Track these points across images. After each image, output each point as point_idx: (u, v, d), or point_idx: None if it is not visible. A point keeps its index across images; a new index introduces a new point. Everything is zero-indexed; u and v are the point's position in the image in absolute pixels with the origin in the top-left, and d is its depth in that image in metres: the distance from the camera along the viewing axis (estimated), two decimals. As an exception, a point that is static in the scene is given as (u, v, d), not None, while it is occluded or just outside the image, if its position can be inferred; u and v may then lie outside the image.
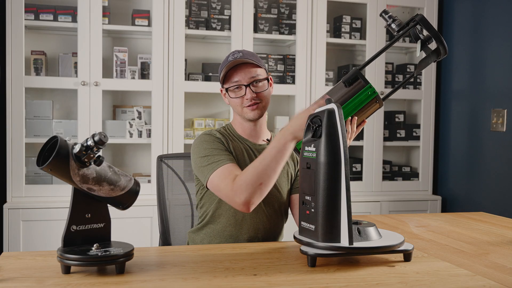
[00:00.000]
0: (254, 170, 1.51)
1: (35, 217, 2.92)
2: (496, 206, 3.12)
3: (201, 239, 1.78)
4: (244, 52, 1.73)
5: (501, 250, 1.59)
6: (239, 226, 1.73)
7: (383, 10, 1.56)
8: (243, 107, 1.72)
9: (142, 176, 3.25)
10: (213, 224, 1.76)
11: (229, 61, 1.70)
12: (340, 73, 3.63)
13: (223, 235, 1.74)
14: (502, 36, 3.13)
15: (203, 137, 1.73)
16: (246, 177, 1.52)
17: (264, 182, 1.51)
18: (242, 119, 1.77)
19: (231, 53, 1.73)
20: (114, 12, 3.25)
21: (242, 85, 1.71)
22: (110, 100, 3.35)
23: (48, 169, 1.20)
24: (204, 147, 1.68)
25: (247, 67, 1.71)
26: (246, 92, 1.70)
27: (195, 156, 1.70)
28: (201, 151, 1.68)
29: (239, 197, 1.52)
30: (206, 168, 1.64)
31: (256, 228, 1.74)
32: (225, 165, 1.61)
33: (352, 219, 1.32)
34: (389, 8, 3.63)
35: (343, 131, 1.33)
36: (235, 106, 1.75)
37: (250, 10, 3.22)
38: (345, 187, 1.32)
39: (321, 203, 1.32)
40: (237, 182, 1.53)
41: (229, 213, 1.73)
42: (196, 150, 1.70)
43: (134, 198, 1.35)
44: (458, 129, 3.51)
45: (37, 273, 1.25)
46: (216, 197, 1.72)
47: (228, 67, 1.70)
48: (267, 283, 1.20)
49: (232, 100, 1.75)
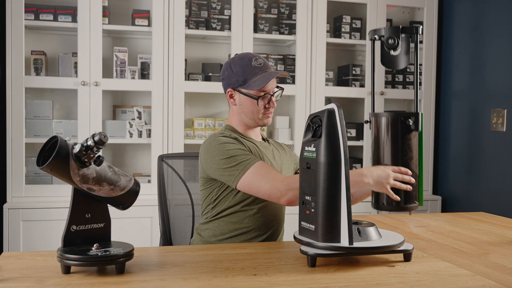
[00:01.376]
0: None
1: (35, 217, 2.92)
2: (496, 206, 3.12)
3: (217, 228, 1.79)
4: (264, 59, 1.81)
5: (501, 250, 1.59)
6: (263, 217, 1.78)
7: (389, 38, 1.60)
8: (263, 113, 1.80)
9: (142, 176, 3.25)
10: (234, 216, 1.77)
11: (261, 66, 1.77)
12: (340, 73, 3.63)
13: (240, 226, 1.76)
14: (502, 36, 3.13)
15: (220, 139, 1.73)
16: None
17: None
18: (250, 122, 1.81)
19: (254, 58, 1.79)
20: (114, 12, 3.25)
21: (269, 94, 1.79)
22: (110, 100, 3.35)
23: (48, 169, 1.20)
24: (226, 148, 1.69)
25: (274, 79, 1.81)
26: (270, 102, 1.79)
27: (216, 159, 1.69)
28: (223, 152, 1.68)
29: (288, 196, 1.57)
30: (234, 168, 1.65)
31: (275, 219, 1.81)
32: (256, 164, 1.64)
33: (352, 219, 1.32)
34: (389, 8, 3.64)
35: (343, 131, 1.33)
36: (253, 113, 1.79)
37: (250, 10, 3.22)
38: (345, 187, 1.32)
39: (321, 203, 1.32)
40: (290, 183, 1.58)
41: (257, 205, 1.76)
42: (217, 152, 1.70)
43: (134, 198, 1.35)
44: (458, 129, 3.51)
45: (37, 273, 1.25)
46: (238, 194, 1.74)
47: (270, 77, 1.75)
48: (267, 283, 1.20)
49: (252, 106, 1.78)
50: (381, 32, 1.63)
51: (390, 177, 1.50)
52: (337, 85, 3.60)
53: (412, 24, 3.60)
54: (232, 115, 1.86)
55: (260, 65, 1.78)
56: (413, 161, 1.58)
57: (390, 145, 1.58)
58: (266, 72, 1.78)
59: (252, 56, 1.80)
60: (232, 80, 1.79)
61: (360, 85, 3.51)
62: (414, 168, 1.59)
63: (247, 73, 1.77)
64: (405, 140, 1.58)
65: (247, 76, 1.77)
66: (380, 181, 1.51)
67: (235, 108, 1.82)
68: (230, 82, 1.80)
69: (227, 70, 1.82)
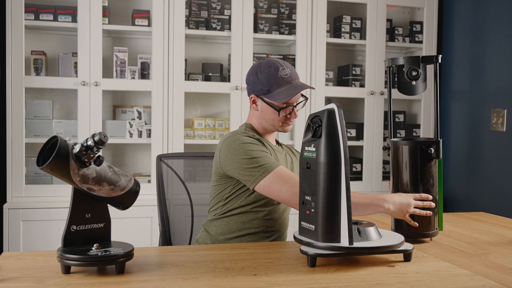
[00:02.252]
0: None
1: (35, 217, 2.92)
2: (496, 206, 3.12)
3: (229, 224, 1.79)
4: (291, 69, 1.80)
5: (501, 250, 1.59)
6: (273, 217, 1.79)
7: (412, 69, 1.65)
8: (284, 122, 1.80)
9: (142, 176, 3.25)
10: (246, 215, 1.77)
11: (287, 77, 1.77)
12: (340, 73, 3.63)
13: (249, 226, 1.77)
14: (502, 36, 3.13)
15: (243, 138, 1.73)
16: None
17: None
18: (269, 127, 1.82)
19: (281, 67, 1.78)
20: (114, 12, 3.25)
21: (292, 105, 1.79)
22: (110, 100, 3.35)
23: (48, 169, 1.20)
24: (250, 148, 1.69)
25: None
26: (292, 113, 1.80)
27: (238, 157, 1.69)
28: (247, 152, 1.69)
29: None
30: (256, 170, 1.66)
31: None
32: (278, 168, 1.65)
33: (352, 219, 1.32)
34: (389, 8, 3.64)
35: (343, 131, 1.33)
36: (275, 121, 1.79)
37: (250, 10, 3.22)
38: (345, 187, 1.32)
39: (321, 203, 1.32)
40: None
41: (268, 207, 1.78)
42: (239, 151, 1.69)
43: (134, 198, 1.35)
44: (458, 129, 3.51)
45: (37, 273, 1.25)
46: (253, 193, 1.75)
47: (294, 91, 1.74)
48: (267, 283, 1.20)
49: (273, 115, 1.78)
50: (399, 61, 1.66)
51: (411, 205, 1.58)
52: (337, 85, 3.60)
53: (412, 24, 3.60)
54: (252, 116, 1.86)
55: (286, 76, 1.77)
56: (434, 188, 1.62)
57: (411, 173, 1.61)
58: (291, 85, 1.76)
59: (279, 65, 1.78)
60: (257, 87, 1.79)
61: (360, 85, 3.51)
62: (435, 194, 1.62)
63: (273, 83, 1.76)
64: (426, 167, 1.61)
65: (272, 86, 1.76)
66: (401, 209, 1.58)
67: (257, 113, 1.83)
68: (255, 88, 1.79)
69: (252, 76, 1.81)
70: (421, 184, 1.61)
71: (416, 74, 1.63)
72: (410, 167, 1.62)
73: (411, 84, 1.65)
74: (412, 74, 1.63)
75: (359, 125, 3.55)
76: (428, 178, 1.61)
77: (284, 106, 1.77)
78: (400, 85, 1.68)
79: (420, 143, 1.62)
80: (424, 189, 1.61)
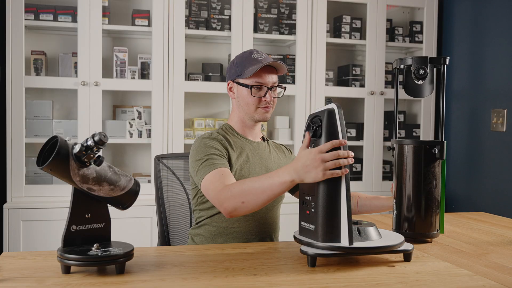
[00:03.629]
0: (242, 188, 1.49)
1: (35, 217, 2.92)
2: (496, 206, 3.12)
3: (207, 233, 1.78)
4: (268, 56, 1.77)
5: (501, 250, 1.59)
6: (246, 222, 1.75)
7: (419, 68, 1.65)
8: (258, 107, 1.75)
9: (142, 176, 3.25)
10: (217, 222, 1.76)
11: (260, 58, 1.74)
12: (340, 73, 3.63)
13: (229, 231, 1.75)
14: (502, 36, 3.13)
15: (201, 141, 1.73)
16: (234, 190, 1.51)
17: (247, 203, 1.49)
18: (246, 118, 1.79)
19: (255, 52, 1.77)
20: (114, 12, 3.25)
21: (266, 86, 1.74)
22: (110, 100, 3.35)
23: (48, 169, 1.20)
24: (201, 150, 1.69)
25: (273, 71, 1.76)
26: (267, 95, 1.74)
27: (192, 159, 1.71)
28: (197, 154, 1.69)
29: (224, 206, 1.52)
30: (200, 171, 1.65)
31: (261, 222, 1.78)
32: (216, 169, 1.61)
33: (352, 219, 1.32)
34: (389, 8, 3.64)
35: (343, 131, 1.33)
36: (248, 104, 1.76)
37: (250, 10, 3.22)
38: (345, 187, 1.32)
39: (321, 203, 1.32)
40: (224, 191, 1.53)
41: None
42: (193, 153, 1.71)
43: (134, 198, 1.35)
44: (458, 129, 3.51)
45: (37, 273, 1.25)
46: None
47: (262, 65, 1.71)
48: (267, 283, 1.20)
49: (248, 98, 1.75)
50: (407, 61, 1.67)
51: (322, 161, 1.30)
52: (337, 85, 3.60)
53: (412, 24, 3.60)
54: (232, 112, 1.85)
55: (260, 58, 1.75)
56: (436, 189, 1.62)
57: (414, 173, 1.61)
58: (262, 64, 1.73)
59: (254, 51, 1.78)
60: (232, 72, 1.79)
61: (360, 85, 3.50)
62: (437, 196, 1.62)
63: (245, 63, 1.75)
64: (430, 168, 1.61)
65: (244, 67, 1.75)
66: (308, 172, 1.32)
67: (235, 102, 1.81)
68: (230, 74, 1.80)
69: (229, 65, 1.83)
70: (424, 185, 1.61)
71: (424, 73, 1.63)
72: (414, 167, 1.62)
73: (418, 86, 1.66)
74: (420, 73, 1.63)
75: (359, 125, 3.55)
76: (431, 179, 1.61)
77: (256, 84, 1.73)
78: (407, 86, 1.69)
79: (424, 143, 1.62)
80: (426, 190, 1.62)
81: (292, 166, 1.38)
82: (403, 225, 1.64)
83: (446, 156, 1.63)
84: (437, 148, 1.60)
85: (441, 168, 1.63)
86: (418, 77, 1.65)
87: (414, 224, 1.62)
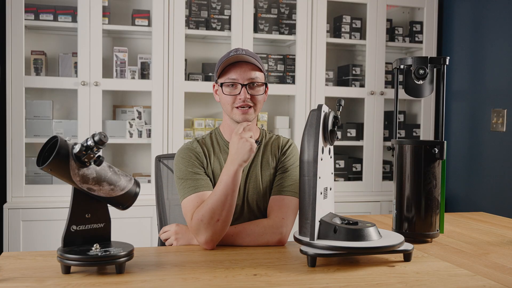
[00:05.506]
0: (208, 209, 1.50)
1: (35, 217, 2.92)
2: (496, 206, 3.12)
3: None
4: (246, 51, 1.65)
5: (501, 250, 1.59)
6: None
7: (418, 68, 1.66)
8: (234, 107, 1.64)
9: (142, 176, 3.25)
10: None
11: (230, 55, 1.63)
12: (340, 73, 3.63)
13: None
14: (502, 36, 3.13)
15: (182, 153, 1.69)
16: (202, 216, 1.51)
17: (221, 218, 1.51)
18: (230, 120, 1.68)
19: (234, 49, 1.67)
20: (114, 12, 3.25)
21: (238, 83, 1.62)
22: (110, 100, 3.35)
23: (48, 169, 1.20)
24: (180, 167, 1.66)
25: (247, 67, 1.63)
26: (241, 92, 1.61)
27: (174, 174, 1.69)
28: (177, 171, 1.67)
29: (199, 237, 1.53)
30: (180, 191, 1.64)
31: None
32: (194, 194, 1.59)
33: (315, 214, 1.34)
34: (389, 8, 3.64)
35: (324, 132, 1.38)
36: (225, 104, 1.65)
37: (250, 10, 3.22)
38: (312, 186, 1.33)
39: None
40: (194, 222, 1.52)
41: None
42: (175, 168, 1.69)
43: (134, 198, 1.35)
44: (458, 129, 3.51)
45: (37, 273, 1.25)
46: None
47: (228, 61, 1.62)
48: (267, 283, 1.20)
49: (223, 97, 1.65)
50: (407, 61, 1.67)
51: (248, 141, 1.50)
52: (337, 85, 3.60)
53: (412, 24, 3.60)
54: (223, 116, 1.76)
55: (236, 53, 1.63)
56: (436, 189, 1.62)
57: (414, 173, 1.62)
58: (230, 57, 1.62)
59: (236, 48, 1.68)
60: (215, 73, 1.69)
61: (360, 85, 3.50)
62: (437, 196, 1.63)
63: (221, 62, 1.65)
64: (430, 168, 1.61)
65: (219, 65, 1.66)
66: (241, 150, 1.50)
67: (221, 105, 1.72)
68: (215, 76, 1.70)
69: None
70: (424, 185, 1.62)
71: (424, 73, 1.63)
72: (414, 167, 1.62)
73: (418, 86, 1.66)
74: (420, 73, 1.64)
75: (359, 125, 3.55)
76: (431, 179, 1.61)
77: (227, 82, 1.62)
78: (407, 86, 1.69)
79: (424, 143, 1.62)
80: (426, 190, 1.62)
81: (231, 157, 1.52)
82: (403, 225, 1.64)
83: (446, 156, 1.63)
84: (437, 148, 1.60)
85: (441, 168, 1.63)
86: (418, 77, 1.65)
87: (414, 224, 1.63)
